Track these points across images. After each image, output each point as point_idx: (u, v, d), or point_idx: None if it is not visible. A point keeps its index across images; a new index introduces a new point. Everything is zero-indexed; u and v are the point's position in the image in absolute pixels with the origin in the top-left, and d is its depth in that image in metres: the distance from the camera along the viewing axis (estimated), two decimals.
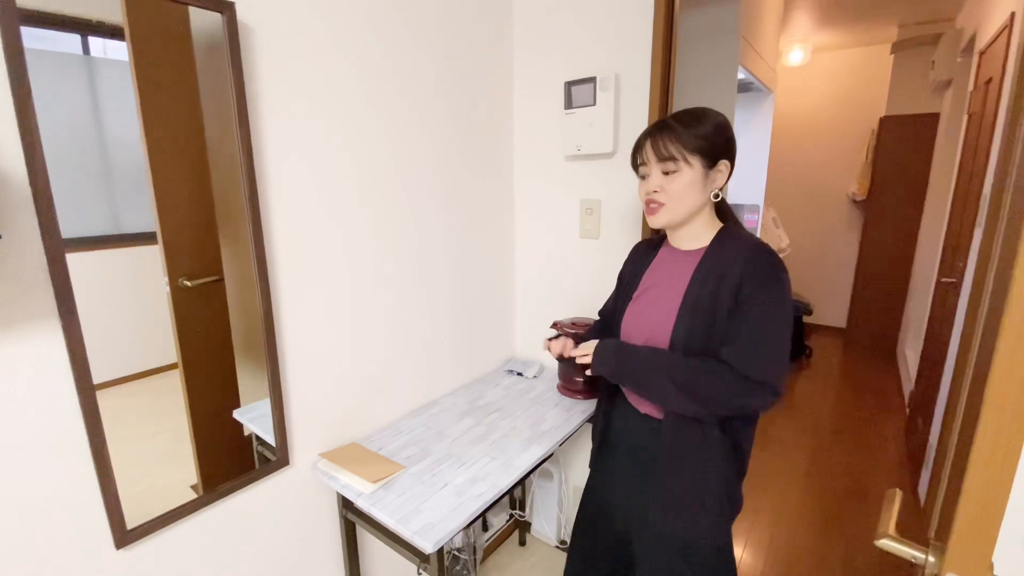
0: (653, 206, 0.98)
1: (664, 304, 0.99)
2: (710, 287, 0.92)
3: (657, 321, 0.99)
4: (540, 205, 1.72)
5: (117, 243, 0.90)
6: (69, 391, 0.81)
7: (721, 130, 0.95)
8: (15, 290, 0.74)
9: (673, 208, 0.96)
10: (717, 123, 0.95)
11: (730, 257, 0.93)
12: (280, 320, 1.11)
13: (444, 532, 0.99)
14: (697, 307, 0.93)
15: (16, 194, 0.73)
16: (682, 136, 0.92)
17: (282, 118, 1.05)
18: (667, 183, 0.95)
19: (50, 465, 0.81)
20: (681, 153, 0.92)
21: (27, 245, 0.74)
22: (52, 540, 0.82)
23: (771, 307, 0.88)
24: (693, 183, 0.94)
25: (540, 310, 1.80)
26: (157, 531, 0.95)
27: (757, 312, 0.88)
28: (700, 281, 0.94)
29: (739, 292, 0.89)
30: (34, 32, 0.75)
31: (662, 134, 0.94)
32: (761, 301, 0.88)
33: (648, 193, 0.98)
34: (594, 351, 1.04)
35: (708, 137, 0.93)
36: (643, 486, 1.05)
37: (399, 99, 1.30)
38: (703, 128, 0.93)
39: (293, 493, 1.19)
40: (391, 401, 1.42)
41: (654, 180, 0.96)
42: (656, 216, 0.98)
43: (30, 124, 0.72)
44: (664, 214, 0.97)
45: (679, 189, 0.94)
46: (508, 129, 1.69)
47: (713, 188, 0.97)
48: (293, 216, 1.10)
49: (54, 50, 0.79)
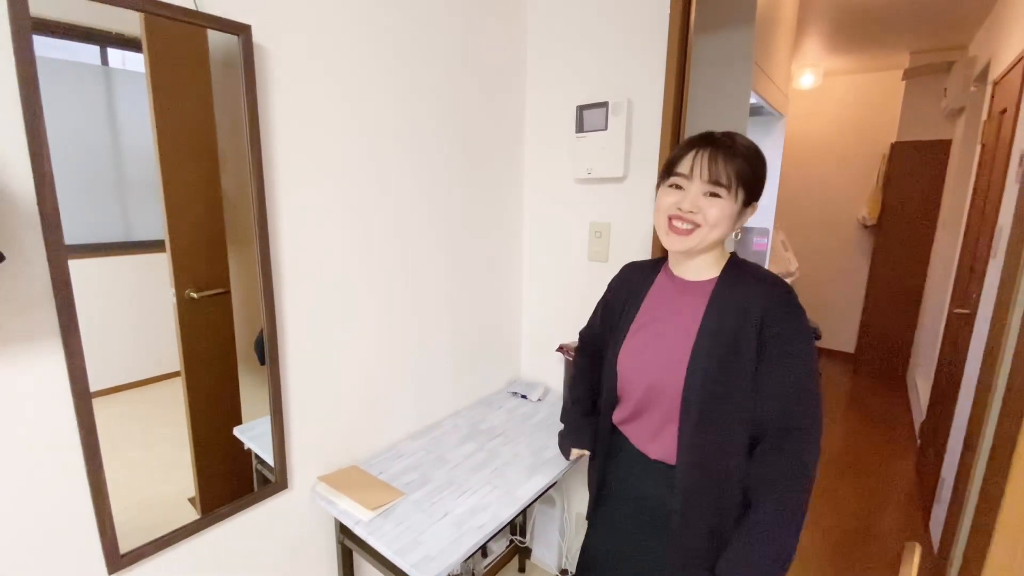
0: (683, 226, 0.88)
1: (673, 339, 0.91)
2: (730, 322, 0.86)
3: (667, 360, 0.91)
4: (549, 227, 1.71)
5: (127, 250, 0.90)
6: (68, 414, 0.79)
7: (766, 171, 0.90)
8: (17, 309, 0.73)
9: (705, 234, 0.87)
10: (764, 160, 0.89)
11: (748, 289, 0.87)
12: (284, 338, 1.10)
13: (443, 566, 0.97)
14: (716, 343, 0.86)
15: (23, 214, 0.72)
16: (739, 165, 0.85)
17: (293, 137, 1.05)
18: (707, 205, 0.86)
19: (45, 488, 0.79)
20: (735, 182, 0.85)
21: (32, 266, 0.73)
22: (44, 564, 0.80)
23: (805, 346, 0.84)
24: (731, 215, 0.87)
25: (547, 332, 1.78)
26: (151, 555, 0.93)
27: (792, 353, 0.83)
28: (718, 315, 0.87)
29: (763, 329, 0.84)
30: (53, 42, 0.76)
31: (722, 153, 0.85)
32: (794, 340, 0.83)
33: (681, 210, 0.88)
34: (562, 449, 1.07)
35: (758, 175, 0.88)
36: (654, 542, 0.95)
37: (410, 119, 1.30)
38: (758, 165, 0.88)
39: (291, 517, 1.17)
40: (392, 423, 1.40)
41: (692, 198, 0.87)
42: (683, 239, 0.88)
43: (40, 149, 0.72)
44: (693, 238, 0.88)
45: (719, 215, 0.86)
46: (519, 151, 1.68)
47: (738, 227, 0.91)
48: (301, 235, 1.10)
49: (74, 60, 0.80)
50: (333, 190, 1.15)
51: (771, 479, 0.84)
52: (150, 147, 0.88)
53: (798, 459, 0.82)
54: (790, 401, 0.83)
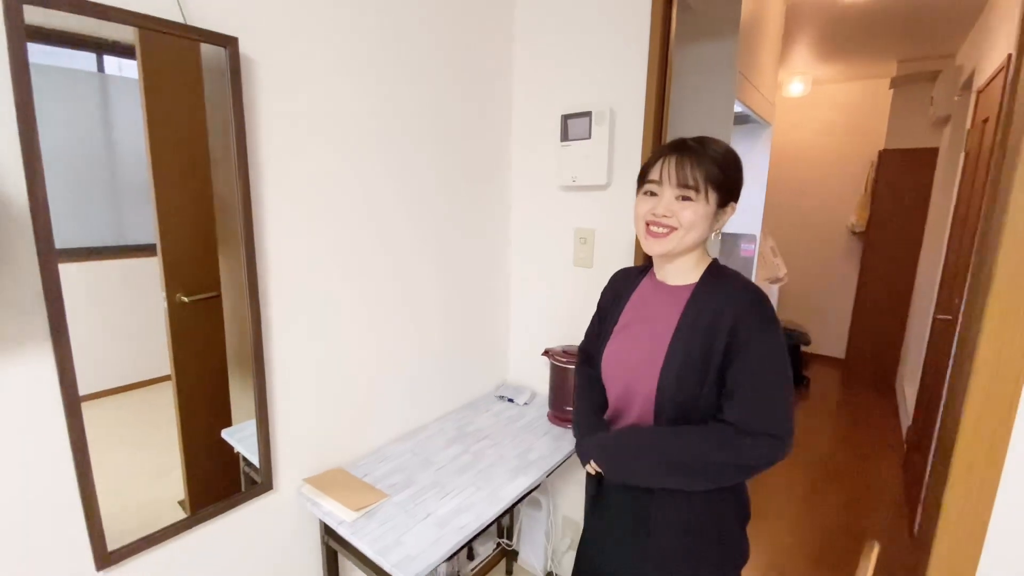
0: (659, 230, 0.91)
1: (649, 341, 0.95)
2: (704, 324, 0.88)
3: (642, 360, 0.94)
4: (536, 233, 1.74)
5: (119, 254, 0.92)
6: (57, 415, 0.82)
7: (740, 173, 0.93)
8: (8, 314, 0.75)
9: (681, 236, 0.90)
10: (739, 165, 0.92)
11: (723, 296, 0.89)
12: (269, 341, 1.12)
13: (423, 566, 0.99)
14: (689, 346, 0.88)
15: (16, 222, 0.74)
16: (708, 168, 0.88)
17: (280, 145, 1.08)
18: (679, 208, 0.89)
19: (34, 487, 0.81)
20: (705, 185, 0.88)
21: (23, 272, 0.76)
22: (32, 560, 0.82)
23: (770, 353, 0.85)
24: (705, 217, 0.89)
25: (534, 336, 1.80)
26: (139, 553, 0.95)
27: (757, 359, 0.84)
28: (692, 318, 0.90)
29: (734, 337, 0.85)
30: (49, 50, 0.79)
31: (690, 158, 0.88)
32: (759, 347, 0.84)
33: (655, 215, 0.91)
34: (578, 452, 1.04)
35: (731, 176, 0.90)
36: (636, 541, 0.98)
37: (398, 127, 1.33)
38: (729, 167, 0.90)
39: (276, 518, 1.19)
40: (379, 426, 1.42)
41: (665, 203, 0.90)
42: (661, 242, 0.91)
43: (33, 156, 0.74)
44: (670, 241, 0.90)
45: (692, 217, 0.88)
46: (506, 159, 1.72)
47: (717, 227, 0.93)
48: (287, 240, 1.12)
49: (70, 67, 0.83)
50: (319, 197, 1.17)
51: (702, 430, 0.88)
52: (142, 152, 0.90)
53: (737, 448, 0.85)
54: (751, 407, 0.85)
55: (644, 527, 0.96)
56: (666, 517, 0.94)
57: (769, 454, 0.85)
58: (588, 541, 1.13)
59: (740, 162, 0.93)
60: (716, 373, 0.87)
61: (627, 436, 0.96)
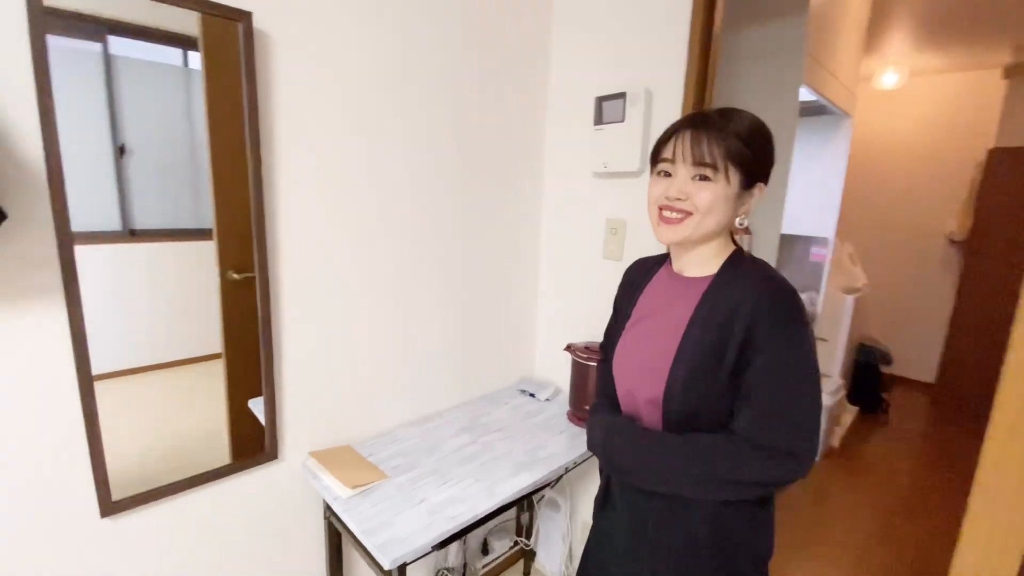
0: (672, 215, 0.81)
1: (659, 339, 0.85)
2: (718, 321, 0.77)
3: (651, 360, 0.85)
4: (566, 223, 1.67)
5: (180, 237, 1.02)
6: (67, 363, 0.87)
7: (770, 148, 0.81)
8: (26, 268, 0.81)
9: (698, 222, 0.79)
10: (768, 137, 0.80)
11: (743, 289, 0.77)
12: (279, 314, 1.14)
13: (407, 550, 0.96)
14: (701, 346, 0.78)
15: (35, 187, 0.80)
16: (729, 143, 0.76)
17: (297, 121, 1.09)
18: (695, 190, 0.78)
19: (45, 432, 0.87)
20: (724, 162, 0.77)
21: (40, 231, 0.81)
22: (43, 505, 0.89)
23: (792, 356, 0.74)
24: (726, 199, 0.78)
25: (560, 330, 1.74)
26: (142, 505, 1.00)
27: (776, 363, 0.73)
28: (706, 315, 0.79)
29: (751, 336, 0.74)
30: (141, 45, 0.91)
31: (708, 133, 0.77)
32: (778, 351, 0.73)
33: (668, 198, 0.80)
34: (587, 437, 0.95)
35: (757, 154, 0.78)
36: (636, 556, 0.89)
37: (421, 105, 1.32)
38: (755, 142, 0.78)
39: (281, 488, 1.21)
40: (392, 408, 1.42)
41: (679, 184, 0.79)
42: (675, 228, 0.81)
43: (51, 131, 0.80)
44: (685, 228, 0.80)
45: (710, 200, 0.78)
46: (539, 143, 1.66)
47: (741, 212, 0.82)
48: (302, 216, 1.14)
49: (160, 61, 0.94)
50: (336, 175, 1.18)
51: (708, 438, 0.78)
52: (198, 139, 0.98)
53: (743, 463, 0.74)
54: (764, 418, 0.74)
55: (644, 541, 0.88)
56: (666, 534, 0.85)
57: (779, 473, 0.74)
58: (591, 546, 1.06)
59: (770, 137, 0.82)
60: (729, 377, 0.77)
61: (632, 426, 0.87)
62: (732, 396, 0.77)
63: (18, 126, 0.78)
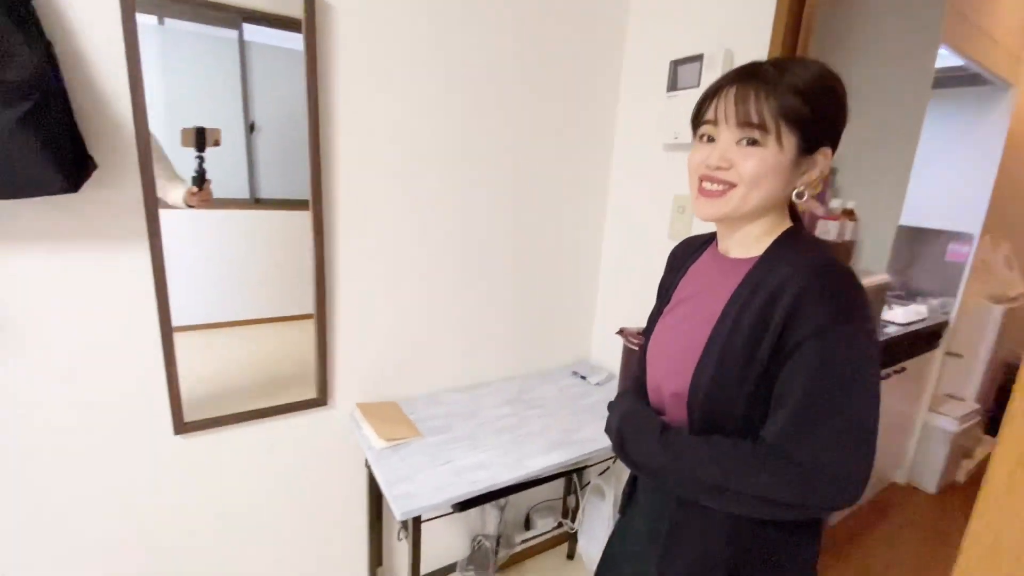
0: (712, 187, 0.70)
1: (691, 328, 0.75)
2: (756, 309, 0.66)
3: (680, 351, 0.75)
4: (633, 199, 1.58)
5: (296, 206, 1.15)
6: (149, 298, 1.01)
7: (839, 103, 0.67)
8: (114, 212, 0.95)
9: (742, 195, 0.67)
10: (836, 90, 0.67)
11: (788, 271, 0.65)
12: (334, 270, 1.22)
13: (420, 505, 0.99)
14: (734, 337, 0.67)
15: (124, 144, 0.93)
16: (783, 99, 0.64)
17: (358, 85, 1.14)
18: (740, 157, 0.67)
19: (130, 356, 1.02)
20: (775, 122, 0.64)
21: (128, 177, 0.94)
22: (126, 422, 1.05)
23: (840, 355, 0.60)
24: (778, 168, 0.66)
25: (619, 313, 1.66)
26: (209, 428, 1.14)
27: (819, 363, 0.60)
28: (743, 302, 0.68)
29: (792, 325, 0.62)
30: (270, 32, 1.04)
31: (756, 88, 0.65)
32: (823, 347, 0.60)
33: (708, 166, 0.69)
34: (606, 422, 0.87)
35: (820, 111, 0.65)
36: (651, 552, 0.81)
37: (490, 74, 1.31)
38: (818, 96, 0.64)
39: (329, 432, 1.31)
40: (440, 373, 1.46)
41: (721, 150, 0.68)
42: (714, 203, 0.70)
43: (139, 95, 0.91)
44: (727, 202, 0.69)
45: (757, 169, 0.66)
46: (611, 112, 1.58)
47: (801, 183, 0.69)
48: (360, 175, 1.20)
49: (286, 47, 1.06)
50: (404, 141, 1.23)
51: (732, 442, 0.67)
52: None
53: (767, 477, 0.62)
54: (798, 427, 0.61)
55: (657, 543, 0.79)
56: (680, 541, 0.76)
57: (808, 496, 0.61)
58: (613, 541, 1.00)
59: (840, 90, 0.67)
60: (761, 374, 0.65)
61: (651, 418, 0.78)
62: (767, 397, 0.66)
63: (112, 92, 0.90)
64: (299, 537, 1.33)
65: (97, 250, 0.95)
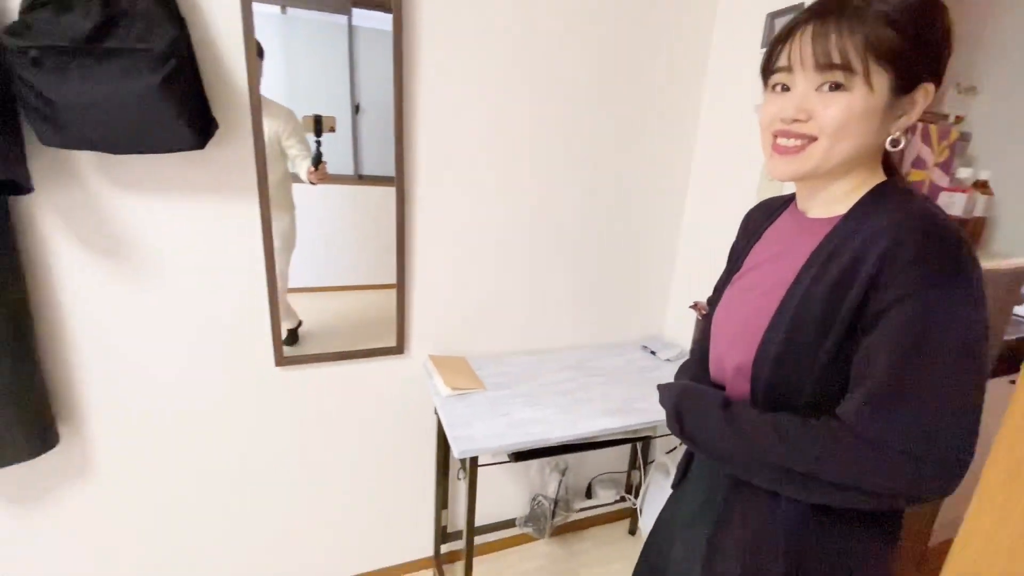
0: (788, 143, 0.61)
1: (760, 294, 0.68)
2: (837, 271, 0.58)
3: (745, 320, 0.68)
4: (718, 165, 1.49)
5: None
6: (257, 245, 1.17)
7: (941, 27, 0.57)
8: (230, 168, 1.11)
9: (825, 150, 0.59)
10: (936, 10, 0.56)
11: (877, 227, 0.56)
12: (413, 234, 1.32)
13: (475, 447, 1.06)
14: (808, 304, 0.60)
15: (242, 106, 1.08)
16: (871, 30, 0.54)
17: (440, 53, 1.21)
18: (821, 105, 0.58)
19: (241, 295, 1.20)
20: (862, 60, 0.55)
21: (243, 138, 1.09)
22: (237, 347, 1.23)
23: (935, 322, 0.52)
24: (867, 114, 0.56)
25: (698, 289, 1.59)
26: (304, 363, 1.30)
27: (908, 330, 0.52)
28: (821, 264, 0.60)
29: (880, 286, 0.54)
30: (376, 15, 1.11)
31: (837, 22, 0.56)
32: (918, 311, 0.52)
33: (783, 119, 0.61)
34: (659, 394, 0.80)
35: (917, 37, 0.55)
36: (701, 528, 0.76)
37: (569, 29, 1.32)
38: (913, 19, 0.54)
39: (404, 378, 1.43)
40: (508, 335, 1.52)
41: (797, 99, 0.59)
42: (791, 160, 0.61)
43: (253, 66, 1.05)
44: (807, 159, 0.60)
45: (841, 118, 0.57)
46: (699, 70, 1.49)
47: (897, 127, 0.59)
48: (442, 137, 1.27)
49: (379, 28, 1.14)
50: (487, 97, 1.28)
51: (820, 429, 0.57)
52: None
53: (844, 457, 0.55)
54: (879, 401, 0.53)
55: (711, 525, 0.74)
56: (733, 519, 0.70)
57: (891, 482, 0.53)
58: (662, 518, 0.93)
59: (941, 9, 0.57)
60: (838, 345, 0.57)
61: (709, 392, 0.72)
62: (844, 373, 0.58)
63: (232, 64, 1.05)
64: (374, 473, 1.48)
65: (217, 200, 1.12)
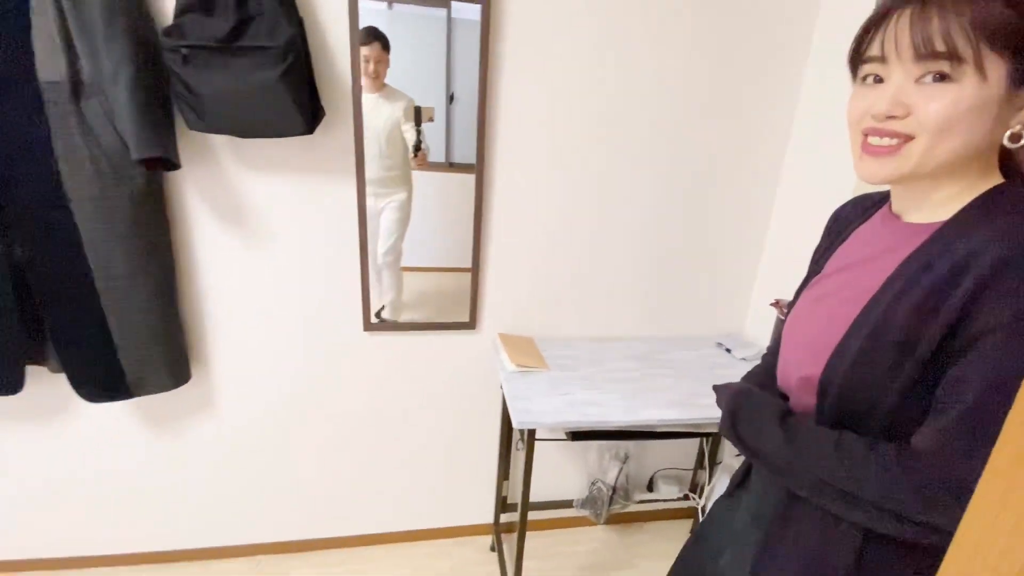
0: (880, 142, 0.54)
1: (839, 302, 0.62)
2: (930, 284, 0.51)
3: (819, 329, 0.62)
4: (813, 157, 1.39)
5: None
6: (353, 222, 1.31)
7: None
8: (337, 153, 1.24)
9: (924, 149, 0.51)
10: None
11: (979, 242, 0.49)
12: (490, 218, 1.39)
13: (534, 419, 1.13)
14: (892, 317, 0.53)
15: (345, 96, 1.21)
16: (979, 8, 0.47)
17: (525, 40, 1.25)
18: (922, 99, 0.50)
19: (337, 262, 1.34)
20: (973, 46, 0.48)
21: (345, 125, 1.23)
22: (330, 312, 1.39)
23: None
24: (980, 108, 0.49)
25: (784, 288, 1.50)
26: (389, 330, 1.44)
27: (1007, 360, 0.46)
28: (912, 275, 0.53)
29: (977, 306, 0.47)
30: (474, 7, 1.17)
31: (940, 4, 0.49)
32: (1012, 345, 0.46)
33: (875, 116, 0.54)
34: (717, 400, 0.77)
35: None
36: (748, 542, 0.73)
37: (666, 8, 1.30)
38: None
39: (475, 352, 1.52)
40: (576, 320, 1.55)
41: (892, 92, 0.52)
42: (883, 162, 0.54)
43: (356, 54, 1.16)
44: (903, 160, 0.53)
45: (946, 113, 0.49)
46: (803, 46, 1.39)
47: (1018, 120, 0.50)
48: (522, 127, 1.33)
49: None
50: (565, 81, 1.30)
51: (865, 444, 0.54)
52: None
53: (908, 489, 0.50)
54: (959, 433, 0.48)
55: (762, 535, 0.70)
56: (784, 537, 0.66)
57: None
58: (706, 523, 0.90)
59: None
60: (921, 366, 0.51)
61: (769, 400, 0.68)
62: (923, 399, 0.52)
63: (337, 58, 1.18)
64: (443, 439, 1.59)
65: (321, 180, 1.27)
